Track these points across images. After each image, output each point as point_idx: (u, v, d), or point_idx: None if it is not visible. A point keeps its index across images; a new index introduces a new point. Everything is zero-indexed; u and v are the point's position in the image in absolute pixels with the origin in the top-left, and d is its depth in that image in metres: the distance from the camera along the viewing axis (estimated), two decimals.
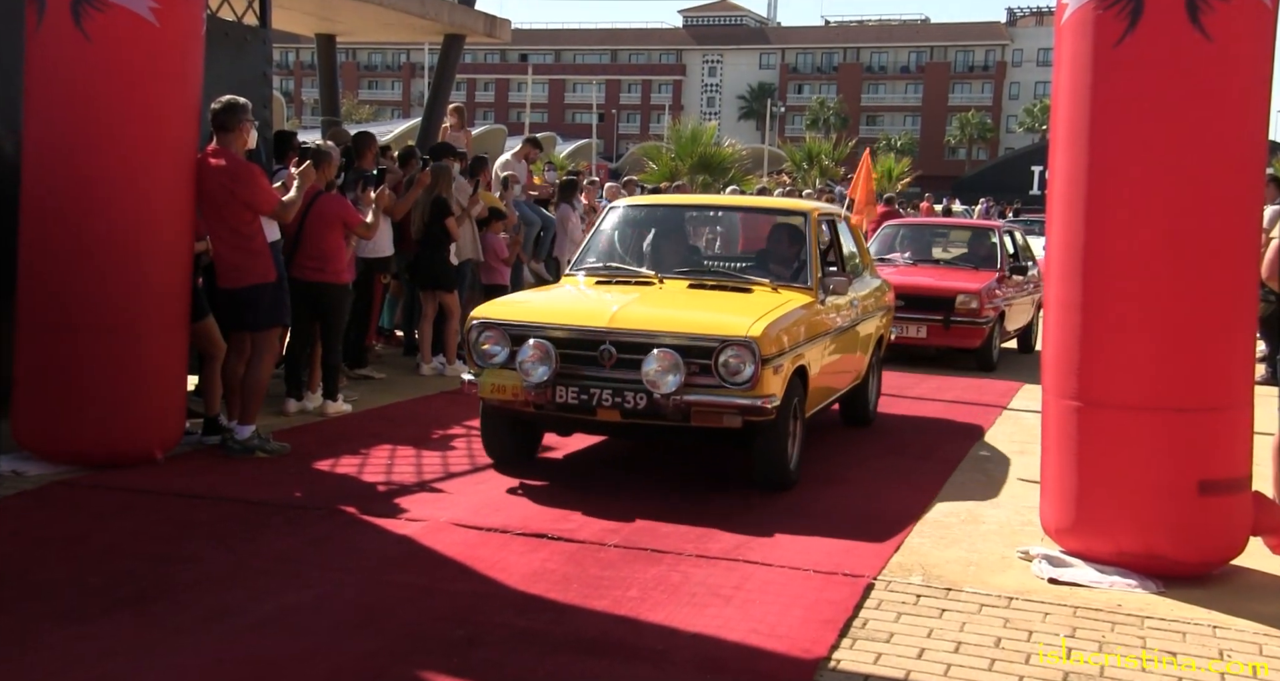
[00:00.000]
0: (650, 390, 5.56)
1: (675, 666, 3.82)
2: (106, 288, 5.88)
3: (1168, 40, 4.61)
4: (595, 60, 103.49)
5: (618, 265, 6.92)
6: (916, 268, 11.88)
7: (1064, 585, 4.75)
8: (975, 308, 10.72)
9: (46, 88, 5.92)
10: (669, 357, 5.57)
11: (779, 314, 5.97)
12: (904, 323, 10.35)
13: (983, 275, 11.35)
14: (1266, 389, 6.18)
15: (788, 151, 38.89)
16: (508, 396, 5.85)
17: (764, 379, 5.60)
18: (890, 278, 10.14)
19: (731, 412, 5.62)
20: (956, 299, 10.76)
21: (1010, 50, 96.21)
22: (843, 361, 7.05)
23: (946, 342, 10.90)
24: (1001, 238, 12.08)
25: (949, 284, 11.08)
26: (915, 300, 10.57)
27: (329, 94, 13.93)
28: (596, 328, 5.81)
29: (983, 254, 12.06)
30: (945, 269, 12.01)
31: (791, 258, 6.95)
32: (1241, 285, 4.80)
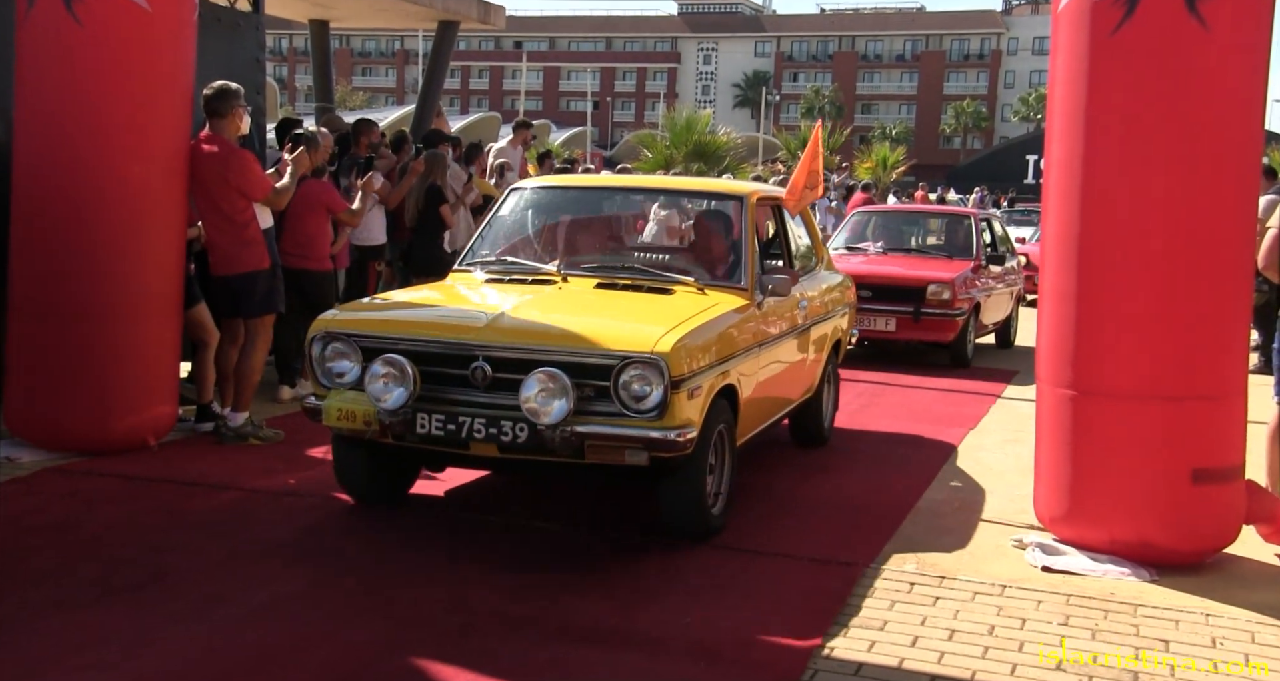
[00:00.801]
0: (531, 420, 4.50)
1: (668, 655, 3.82)
2: (99, 274, 5.86)
3: (1164, 28, 4.60)
4: (590, 48, 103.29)
5: (514, 260, 5.83)
6: (887, 256, 11.30)
7: (1057, 573, 4.76)
8: (947, 298, 10.02)
9: (37, 72, 5.88)
10: (554, 379, 4.47)
11: (699, 322, 4.90)
12: (871, 315, 9.86)
13: (957, 264, 10.73)
14: (1260, 378, 6.19)
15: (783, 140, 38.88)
16: (358, 425, 4.71)
17: (676, 405, 4.51)
18: (857, 267, 9.92)
19: (635, 448, 4.50)
20: (927, 289, 10.06)
21: (1006, 38, 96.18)
22: (787, 374, 6.02)
23: (917, 336, 10.25)
24: (978, 226, 11.47)
25: (920, 273, 10.42)
26: (883, 290, 10.03)
27: (322, 80, 13.87)
28: (466, 340, 4.69)
29: (958, 242, 11.51)
30: (917, 258, 11.47)
31: (724, 251, 5.85)
32: (1236, 274, 4.80)
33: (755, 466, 6.30)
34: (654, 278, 5.53)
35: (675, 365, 4.50)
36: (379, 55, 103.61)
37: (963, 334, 10.24)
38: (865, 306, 9.26)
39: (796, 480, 6.11)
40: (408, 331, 4.83)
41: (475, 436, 4.56)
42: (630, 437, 4.49)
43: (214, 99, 6.34)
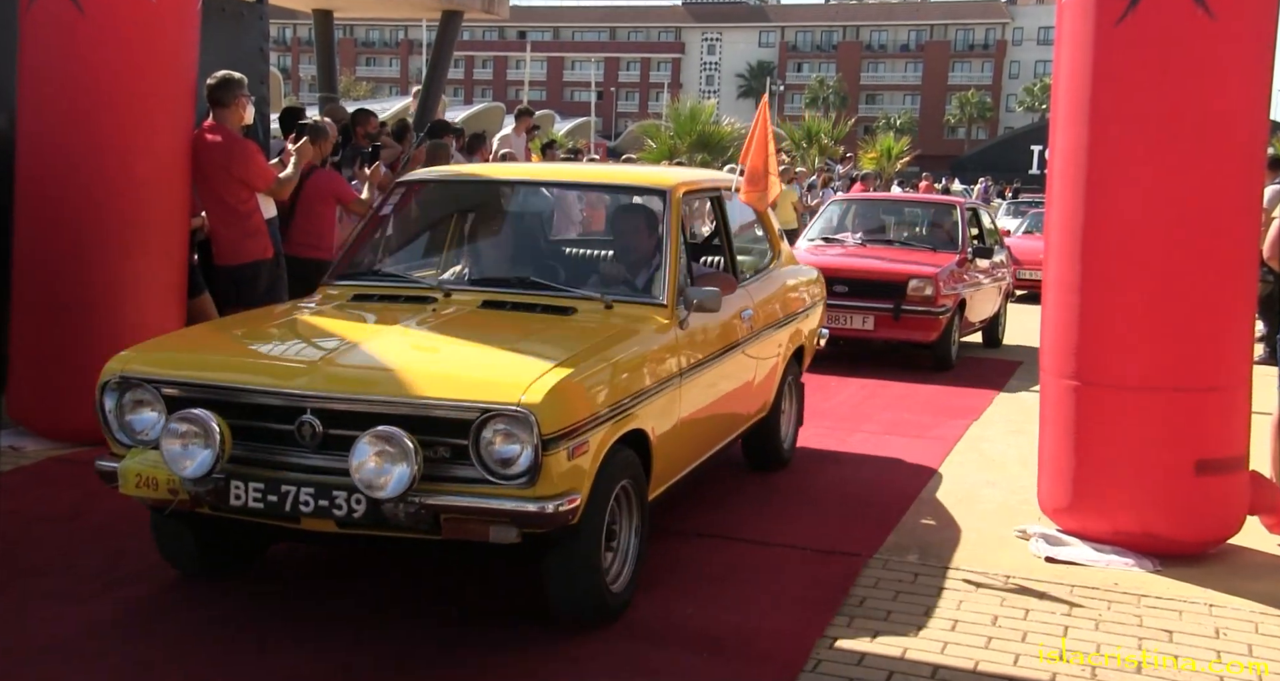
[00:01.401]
0: (366, 491, 3.50)
1: (670, 645, 3.82)
2: (102, 264, 5.86)
3: (1170, 17, 4.58)
4: (594, 38, 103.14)
5: (390, 272, 4.92)
6: (866, 249, 10.52)
7: (1061, 564, 4.76)
8: (930, 295, 9.23)
9: (40, 62, 5.88)
10: (392, 441, 3.48)
11: (592, 357, 3.93)
12: (847, 313, 9.26)
13: (941, 257, 9.92)
14: (1265, 368, 6.18)
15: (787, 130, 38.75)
16: (162, 493, 3.73)
17: (552, 468, 3.54)
18: (832, 260, 9.53)
19: (502, 523, 3.54)
20: (908, 284, 9.28)
21: (1011, 29, 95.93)
22: (728, 398, 5.10)
23: (896, 335, 9.45)
24: (964, 216, 10.68)
25: (900, 267, 9.57)
26: (860, 286, 9.31)
27: (326, 70, 13.86)
28: (289, 389, 3.67)
29: (943, 234, 10.66)
30: (898, 250, 10.50)
31: (639, 260, 4.83)
32: (1241, 265, 4.79)
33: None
34: (554, 293, 4.55)
35: (550, 418, 3.51)
36: (383, 45, 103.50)
37: (946, 333, 9.49)
38: (841, 303, 8.99)
39: (798, 471, 6.11)
40: (218, 376, 3.81)
41: (303, 509, 3.57)
42: (495, 511, 3.53)
43: (217, 89, 6.34)
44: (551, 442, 3.52)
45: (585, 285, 4.68)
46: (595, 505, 3.78)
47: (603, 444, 3.80)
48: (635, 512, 4.15)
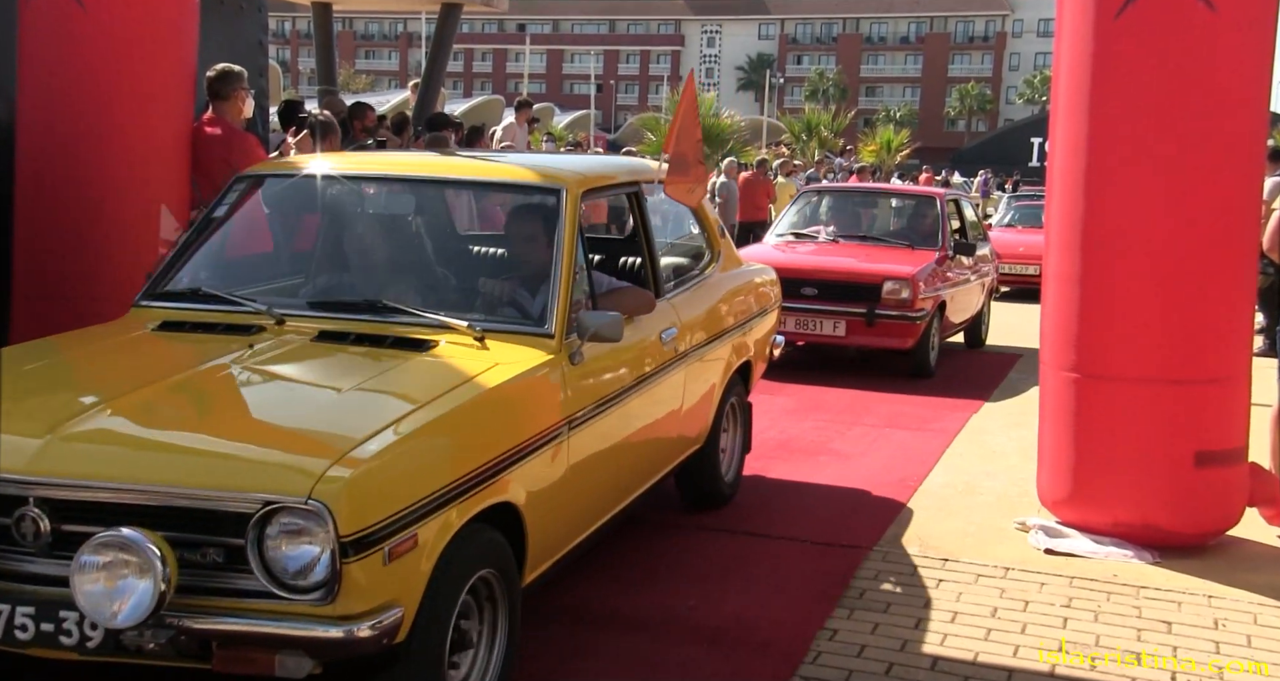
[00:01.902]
0: (93, 617, 2.65)
1: (672, 637, 3.84)
2: (100, 257, 5.86)
3: (1170, 10, 4.58)
4: (593, 30, 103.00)
5: (213, 292, 3.89)
6: (838, 245, 9.73)
7: (1060, 556, 4.77)
8: (907, 298, 8.49)
9: (40, 54, 5.87)
10: (128, 549, 2.62)
11: (436, 415, 3.06)
12: (816, 317, 8.61)
13: (920, 256, 9.16)
14: (1264, 360, 6.19)
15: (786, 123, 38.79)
16: None
17: (359, 577, 2.67)
18: (800, 259, 9.05)
19: (292, 652, 2.67)
20: (883, 286, 8.55)
21: (1011, 20, 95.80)
22: (635, 447, 4.20)
23: (870, 342, 8.79)
24: (944, 209, 9.83)
25: (874, 267, 8.83)
26: (831, 288, 8.66)
27: (325, 63, 13.83)
28: (5, 472, 2.78)
29: (923, 229, 9.87)
30: (874, 247, 9.73)
31: (527, 276, 3.91)
32: (1241, 257, 4.79)
33: (753, 452, 6.32)
34: (409, 321, 3.62)
35: (354, 512, 2.65)
36: (382, 38, 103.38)
37: (925, 339, 8.78)
38: (809, 307, 8.52)
39: (798, 463, 6.12)
40: None
41: (19, 634, 2.70)
42: (281, 637, 2.65)
43: (216, 81, 6.33)
44: (357, 543, 2.64)
45: (455, 308, 3.73)
46: (432, 615, 2.87)
47: (443, 532, 2.91)
48: (502, 610, 3.22)
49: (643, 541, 4.75)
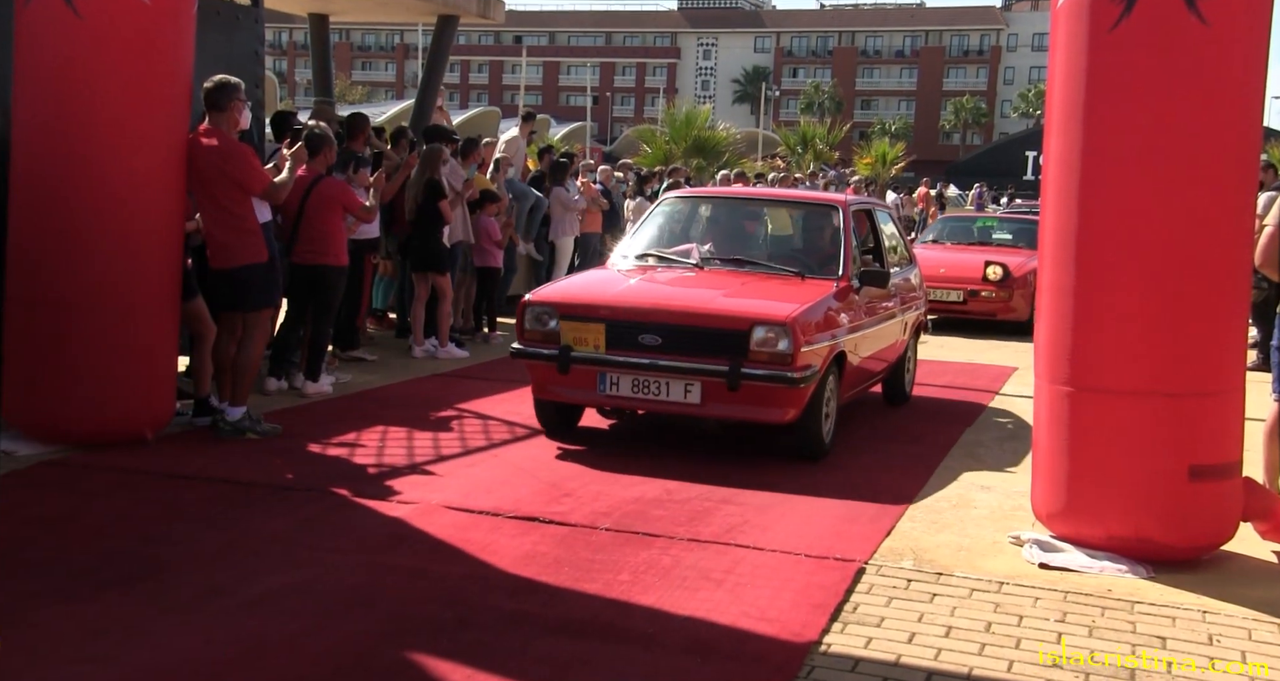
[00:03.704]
0: None
1: (665, 649, 3.82)
2: (96, 267, 5.86)
3: (1163, 24, 4.59)
4: (590, 42, 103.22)
5: None
6: (702, 275, 6.93)
7: (1055, 570, 4.76)
8: (786, 350, 6.01)
9: (36, 64, 5.87)
10: None
11: None
12: (659, 378, 6.16)
13: (811, 288, 6.64)
14: (1258, 375, 6.19)
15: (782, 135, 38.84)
16: None
17: None
18: (639, 293, 6.57)
19: None
20: (752, 334, 6.06)
21: (1005, 35, 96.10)
22: None
23: (735, 414, 6.24)
24: (849, 223, 7.30)
25: (740, 305, 6.36)
26: (680, 336, 6.15)
27: (322, 74, 13.84)
28: None
29: (820, 251, 7.35)
30: (750, 276, 6.93)
31: None
32: (1234, 271, 4.80)
33: (749, 463, 6.31)
34: None
35: None
36: (379, 49, 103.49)
37: (814, 408, 6.27)
38: (650, 362, 6.15)
39: (792, 476, 6.11)
40: None
41: None
42: None
43: (213, 92, 6.33)
44: None
45: None
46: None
47: None
48: None
49: (636, 553, 4.74)
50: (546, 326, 6.37)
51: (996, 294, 12.83)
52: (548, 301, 6.46)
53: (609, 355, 6.23)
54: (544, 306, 6.42)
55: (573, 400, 6.56)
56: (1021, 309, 12.62)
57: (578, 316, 6.33)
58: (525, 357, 6.46)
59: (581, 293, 6.68)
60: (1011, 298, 12.81)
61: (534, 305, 6.44)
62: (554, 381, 6.40)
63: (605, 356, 6.25)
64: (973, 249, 14.24)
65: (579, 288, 6.86)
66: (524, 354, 6.46)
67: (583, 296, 6.58)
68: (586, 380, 6.31)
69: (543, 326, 6.39)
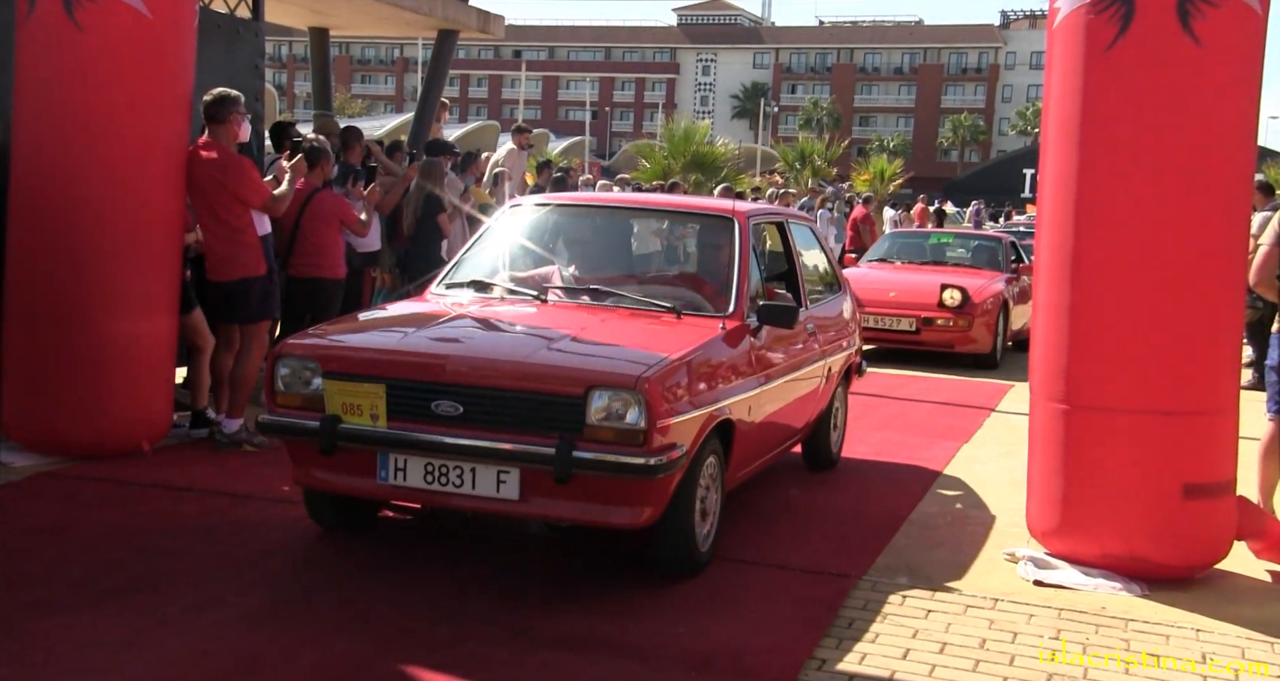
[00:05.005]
0: None
1: (660, 663, 3.82)
2: (95, 279, 5.87)
3: (1158, 45, 4.62)
4: (589, 57, 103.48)
5: None
6: (545, 312, 5.20)
7: (1049, 587, 4.77)
8: (637, 425, 4.22)
9: (37, 77, 5.90)
10: None
11: None
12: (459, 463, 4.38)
13: (684, 333, 4.87)
14: (1253, 393, 6.21)
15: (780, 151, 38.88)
16: None
17: None
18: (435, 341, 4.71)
19: None
20: (589, 401, 4.25)
21: (1003, 53, 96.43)
22: None
23: (567, 514, 4.41)
24: (747, 242, 5.46)
25: (576, 362, 4.55)
26: (489, 405, 4.35)
27: (321, 88, 13.87)
28: None
29: (704, 280, 5.63)
30: (606, 314, 5.14)
31: None
32: (1228, 290, 4.82)
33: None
34: None
35: None
36: (378, 63, 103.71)
37: (681, 506, 4.50)
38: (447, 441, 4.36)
39: (787, 491, 6.11)
40: None
41: None
42: None
43: (213, 105, 6.36)
44: None
45: None
46: None
47: None
48: None
49: (630, 569, 4.74)
50: (307, 387, 4.53)
51: (954, 322, 10.98)
52: (308, 351, 4.58)
53: (392, 429, 4.37)
54: (302, 358, 4.56)
55: (343, 490, 4.66)
56: (983, 339, 11.09)
57: (348, 374, 4.46)
58: (276, 432, 4.63)
59: (354, 339, 4.89)
60: (971, 326, 10.99)
61: (289, 357, 4.58)
62: (317, 464, 4.56)
63: (386, 431, 4.38)
64: (926, 269, 12.40)
65: (353, 332, 5.05)
66: (274, 427, 4.61)
67: (356, 345, 4.78)
68: (361, 464, 4.44)
69: (302, 387, 4.54)
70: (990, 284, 11.49)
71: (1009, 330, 11.68)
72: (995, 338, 11.26)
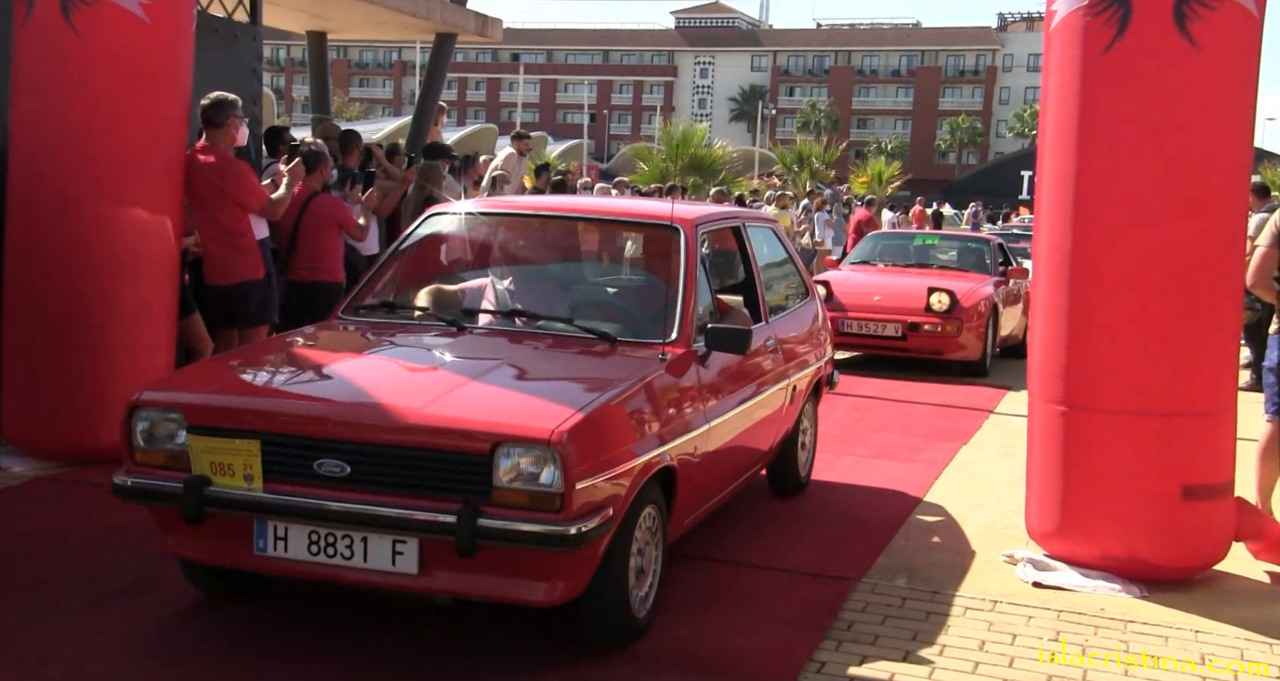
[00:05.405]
0: None
1: (660, 666, 3.82)
2: (93, 283, 5.87)
3: (1155, 47, 4.63)
4: (587, 60, 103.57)
5: None
6: (462, 342, 4.50)
7: (1048, 588, 4.77)
8: (553, 488, 3.58)
9: (34, 81, 5.90)
10: None
11: None
12: (351, 533, 3.71)
13: (616, 367, 4.24)
14: (1250, 395, 6.22)
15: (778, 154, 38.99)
16: None
17: None
18: (320, 386, 4.19)
19: None
20: (496, 460, 3.60)
21: (1001, 55, 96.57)
22: None
23: (470, 590, 3.74)
24: (693, 251, 4.76)
25: (481, 411, 3.77)
26: (379, 462, 3.71)
27: (320, 91, 13.90)
28: None
29: (638, 301, 5.01)
30: (530, 345, 4.60)
31: None
32: (1226, 291, 4.83)
33: None
34: None
35: None
36: (376, 66, 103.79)
37: (610, 576, 3.83)
38: (336, 504, 3.69)
39: (785, 492, 6.11)
40: None
41: None
42: None
43: (211, 109, 6.36)
44: None
45: None
46: None
47: None
48: None
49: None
50: (171, 441, 3.87)
51: (943, 327, 10.42)
52: (169, 402, 3.89)
53: (269, 493, 3.72)
54: (164, 410, 3.88)
55: (215, 562, 3.99)
56: (972, 346, 10.53)
57: (217, 428, 3.78)
58: (133, 497, 3.90)
59: (224, 386, 4.15)
60: (960, 332, 10.43)
61: (148, 407, 3.89)
62: (184, 532, 3.89)
63: (262, 495, 3.72)
64: (911, 272, 11.79)
65: (225, 377, 4.30)
66: (131, 492, 3.88)
67: (225, 393, 4.04)
68: (235, 532, 3.80)
69: (165, 442, 3.88)
70: (979, 287, 10.98)
71: (998, 336, 11.16)
72: (985, 344, 10.70)
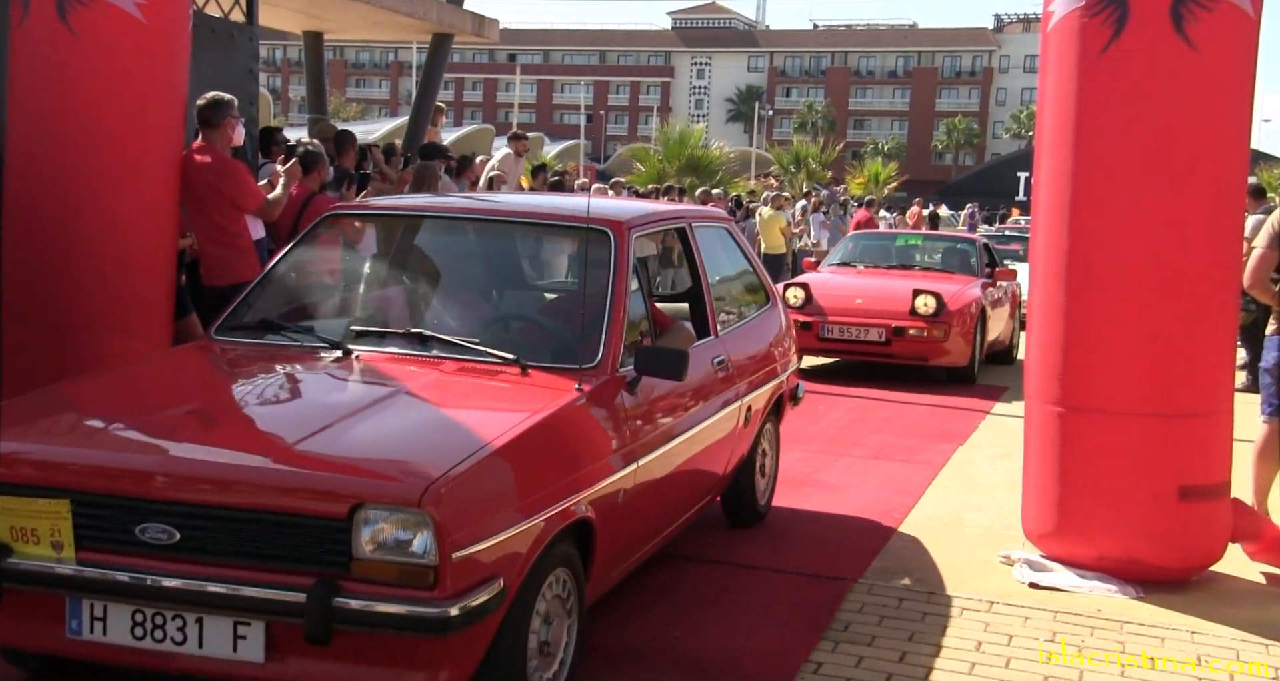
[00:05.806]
0: None
1: (657, 667, 3.82)
2: (89, 284, 5.86)
3: (1152, 48, 4.63)
4: (584, 61, 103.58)
5: None
6: (343, 369, 3.88)
7: (1045, 589, 4.77)
8: (425, 560, 2.92)
9: (30, 82, 5.88)
10: None
11: None
12: (182, 613, 3.03)
13: (526, 400, 3.59)
14: (1247, 396, 6.23)
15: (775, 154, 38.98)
16: None
17: None
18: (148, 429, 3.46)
19: None
20: (356, 525, 2.93)
21: (997, 56, 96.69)
22: None
23: None
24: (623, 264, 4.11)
25: (342, 461, 3.17)
26: (215, 527, 3.01)
27: (316, 92, 13.89)
28: None
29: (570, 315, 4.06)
30: (424, 374, 3.78)
31: None
32: (1223, 292, 4.83)
33: None
34: None
35: None
36: (373, 67, 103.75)
37: (502, 662, 3.15)
38: (166, 581, 2.99)
39: (785, 494, 6.11)
40: None
41: None
42: None
43: (207, 109, 6.35)
44: None
45: None
46: None
47: None
48: None
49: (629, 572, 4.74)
50: None
51: (929, 332, 9.79)
52: None
53: (82, 565, 3.05)
54: None
55: (19, 646, 3.32)
56: (959, 351, 9.94)
57: (18, 485, 3.10)
58: None
59: (28, 434, 3.33)
60: (946, 337, 9.82)
61: None
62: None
63: (73, 568, 3.05)
64: (894, 273, 11.23)
65: (33, 420, 3.51)
66: None
67: (27, 442, 3.26)
68: (43, 611, 3.11)
69: None
70: (966, 290, 10.36)
71: (985, 341, 10.59)
72: (973, 349, 10.14)
